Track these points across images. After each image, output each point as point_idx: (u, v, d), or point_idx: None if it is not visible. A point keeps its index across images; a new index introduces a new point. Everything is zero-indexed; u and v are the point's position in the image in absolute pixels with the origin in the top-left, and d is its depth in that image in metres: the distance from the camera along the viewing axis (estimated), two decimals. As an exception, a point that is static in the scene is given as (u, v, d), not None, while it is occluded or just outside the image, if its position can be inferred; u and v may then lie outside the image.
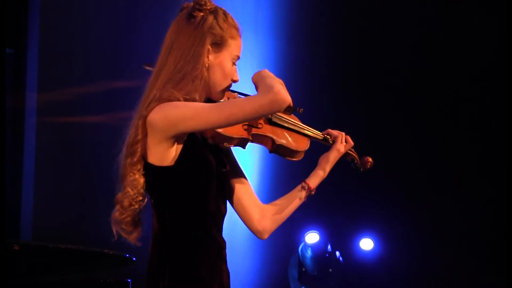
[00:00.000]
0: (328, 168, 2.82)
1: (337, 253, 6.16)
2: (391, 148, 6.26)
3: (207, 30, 2.58)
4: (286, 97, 2.45)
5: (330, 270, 6.14)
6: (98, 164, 5.29)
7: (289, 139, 2.76)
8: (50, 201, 5.19)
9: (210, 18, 2.59)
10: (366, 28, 6.42)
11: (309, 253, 6.09)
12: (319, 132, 2.87)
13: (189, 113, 2.45)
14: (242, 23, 2.67)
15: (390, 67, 6.35)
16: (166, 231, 2.56)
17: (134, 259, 4.03)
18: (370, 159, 2.95)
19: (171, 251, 2.55)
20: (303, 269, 6.15)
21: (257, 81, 2.53)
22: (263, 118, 2.72)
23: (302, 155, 2.81)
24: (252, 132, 2.68)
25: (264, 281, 6.24)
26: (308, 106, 2.93)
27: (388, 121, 6.31)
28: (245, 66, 2.77)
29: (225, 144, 2.62)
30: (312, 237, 6.07)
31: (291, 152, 2.76)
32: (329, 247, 6.13)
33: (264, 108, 2.43)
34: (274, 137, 2.71)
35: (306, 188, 2.79)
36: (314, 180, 2.81)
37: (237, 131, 2.64)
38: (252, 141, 2.71)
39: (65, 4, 5.37)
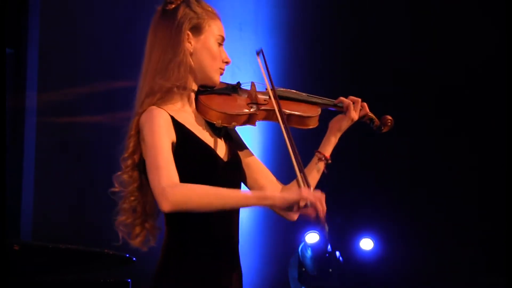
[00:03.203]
0: (339, 135, 2.80)
1: (337, 253, 6.16)
2: (390, 148, 6.26)
3: (182, 17, 2.62)
4: (168, 205, 2.38)
5: (330, 270, 6.14)
6: (98, 164, 5.30)
7: (297, 108, 2.73)
8: (50, 201, 5.18)
9: (182, 6, 2.63)
10: (366, 28, 6.42)
11: (309, 253, 6.08)
12: (330, 99, 2.84)
13: (147, 144, 2.48)
14: (242, 23, 2.68)
15: (389, 67, 6.35)
16: (171, 232, 2.57)
17: (134, 259, 4.02)
18: (389, 117, 2.91)
19: (178, 256, 2.55)
20: (303, 269, 6.15)
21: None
22: (266, 95, 2.69)
23: (317, 122, 2.77)
24: (258, 108, 2.66)
25: (264, 281, 6.24)
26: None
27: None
28: (245, 66, 2.78)
29: (233, 124, 2.62)
30: (312, 237, 6.07)
31: (303, 119, 2.72)
32: (329, 247, 6.13)
33: (154, 193, 2.42)
34: (283, 109, 2.66)
35: (323, 158, 2.76)
36: (328, 148, 2.79)
37: (242, 108, 2.63)
38: (260, 119, 2.67)
39: (65, 4, 5.37)
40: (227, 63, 2.68)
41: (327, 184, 2.89)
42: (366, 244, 6.25)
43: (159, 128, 2.48)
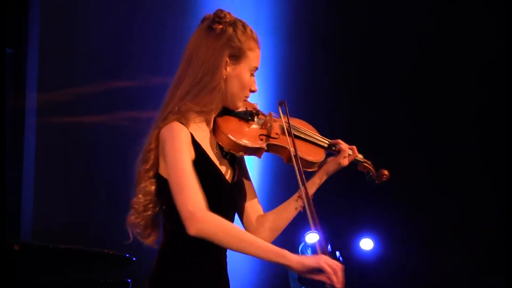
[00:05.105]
0: (325, 178, 2.84)
1: (337, 253, 6.16)
2: (390, 148, 6.26)
3: (225, 43, 2.62)
4: (195, 231, 2.39)
5: (330, 270, 6.13)
6: (98, 164, 5.30)
7: (305, 150, 2.75)
8: (50, 201, 5.18)
9: (229, 31, 2.65)
10: (366, 28, 6.42)
11: (309, 253, 6.08)
12: (327, 140, 2.86)
13: (169, 162, 2.49)
14: (242, 23, 2.69)
15: (390, 67, 6.34)
16: (169, 241, 2.60)
17: (134, 259, 4.03)
18: (386, 172, 2.92)
19: (172, 260, 2.58)
20: (303, 269, 6.14)
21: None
22: (280, 128, 2.73)
23: (317, 167, 2.80)
24: (268, 142, 2.70)
25: (264, 281, 6.24)
26: (307, 105, 2.93)
27: (388, 121, 6.31)
28: (245, 66, 2.77)
29: (240, 153, 2.66)
30: (312, 237, 6.07)
31: (306, 163, 2.75)
32: (329, 247, 6.13)
33: (181, 216, 2.42)
34: (291, 148, 2.69)
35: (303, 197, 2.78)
36: (311, 188, 2.83)
37: (253, 140, 2.67)
38: (267, 151, 2.71)
39: (65, 4, 5.38)
40: (253, 91, 2.70)
41: (327, 184, 2.89)
42: (366, 244, 6.24)
43: (181, 145, 2.51)
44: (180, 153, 2.49)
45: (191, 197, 2.43)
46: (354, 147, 2.89)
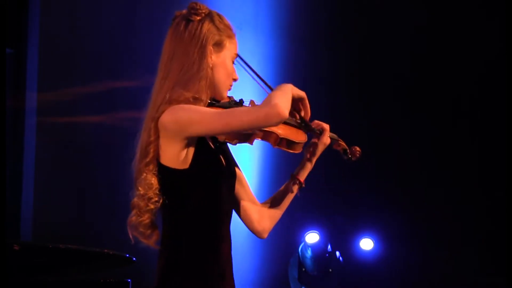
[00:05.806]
0: (314, 160, 2.86)
1: (337, 253, 6.16)
2: (391, 148, 6.26)
3: (207, 32, 2.65)
4: (281, 112, 2.47)
5: (330, 270, 6.14)
6: (98, 164, 5.31)
7: (288, 132, 2.77)
8: (50, 201, 5.19)
9: (207, 21, 2.67)
10: (366, 28, 6.42)
11: (309, 253, 6.09)
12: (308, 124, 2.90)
13: (196, 118, 2.51)
14: (242, 23, 2.71)
15: (390, 67, 6.35)
16: (176, 234, 2.59)
17: (134, 259, 4.03)
18: (358, 148, 2.96)
19: (180, 256, 2.57)
20: (303, 269, 6.16)
21: (270, 94, 2.56)
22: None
23: (301, 148, 2.82)
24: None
25: (264, 281, 6.24)
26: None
27: (388, 121, 6.31)
28: (245, 66, 2.78)
29: (235, 141, 2.67)
30: (312, 237, 6.08)
31: (293, 144, 2.76)
32: (329, 247, 6.13)
33: (259, 121, 2.48)
34: (278, 131, 2.73)
35: (298, 182, 2.83)
36: (303, 173, 2.85)
37: None
38: (257, 137, 2.72)
39: (65, 4, 5.38)
40: (235, 80, 2.73)
41: (328, 185, 2.89)
42: (366, 244, 6.25)
43: (193, 106, 2.55)
44: (195, 107, 2.54)
45: (246, 107, 2.51)
46: (327, 125, 2.90)
